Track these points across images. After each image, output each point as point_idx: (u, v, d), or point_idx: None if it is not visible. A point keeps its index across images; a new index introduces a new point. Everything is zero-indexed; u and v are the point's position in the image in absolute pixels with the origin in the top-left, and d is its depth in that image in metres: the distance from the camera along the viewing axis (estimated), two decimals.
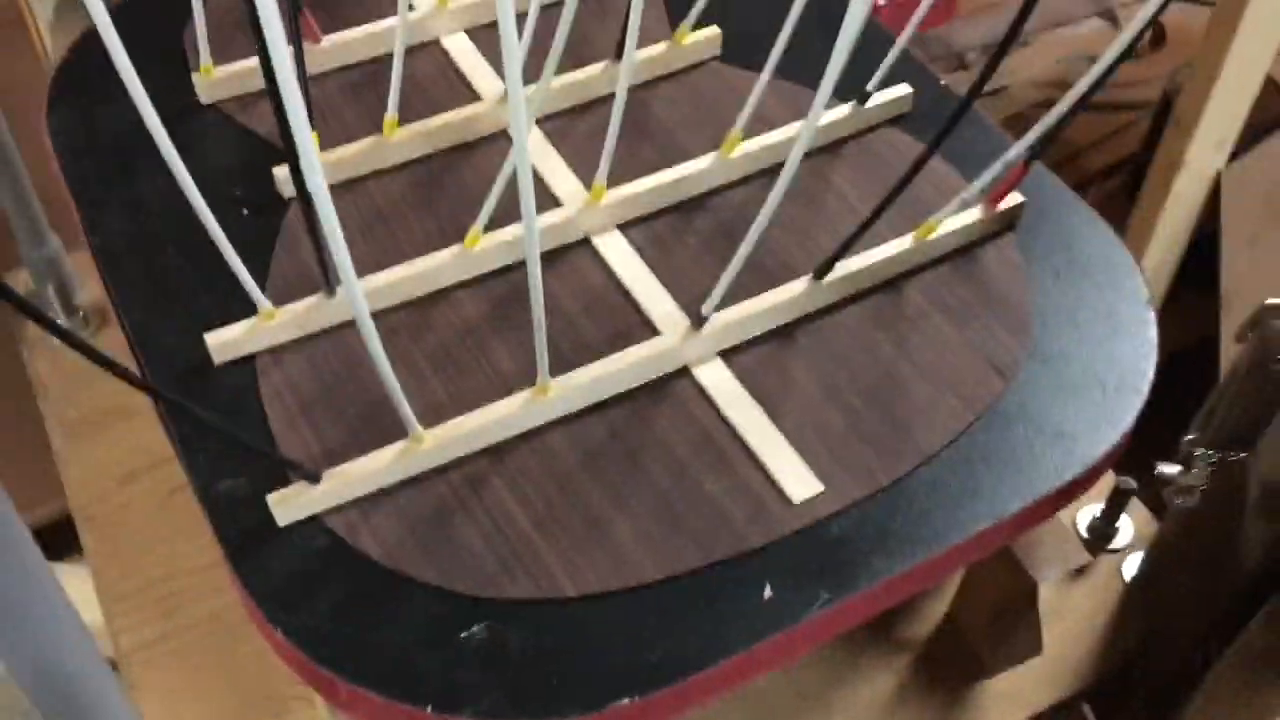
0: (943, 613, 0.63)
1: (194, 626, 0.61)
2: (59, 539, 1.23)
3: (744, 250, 0.46)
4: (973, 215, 0.53)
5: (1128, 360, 0.50)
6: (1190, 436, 0.50)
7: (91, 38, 0.62)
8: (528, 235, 0.38)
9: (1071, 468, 0.47)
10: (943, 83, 0.61)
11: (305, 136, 0.33)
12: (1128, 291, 0.52)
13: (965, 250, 0.54)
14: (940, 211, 0.52)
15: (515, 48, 0.33)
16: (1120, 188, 1.40)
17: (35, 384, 0.74)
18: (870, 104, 0.58)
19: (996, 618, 0.59)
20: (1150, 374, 0.49)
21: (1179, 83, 1.13)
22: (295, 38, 0.55)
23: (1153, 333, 0.50)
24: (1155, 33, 1.52)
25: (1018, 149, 0.49)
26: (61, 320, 0.75)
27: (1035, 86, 1.55)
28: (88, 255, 0.54)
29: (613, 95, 0.55)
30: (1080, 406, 0.48)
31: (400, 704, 0.40)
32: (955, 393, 0.49)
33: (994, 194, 0.53)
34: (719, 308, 0.48)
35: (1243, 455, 0.46)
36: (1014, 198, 0.54)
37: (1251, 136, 1.16)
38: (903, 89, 0.59)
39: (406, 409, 0.43)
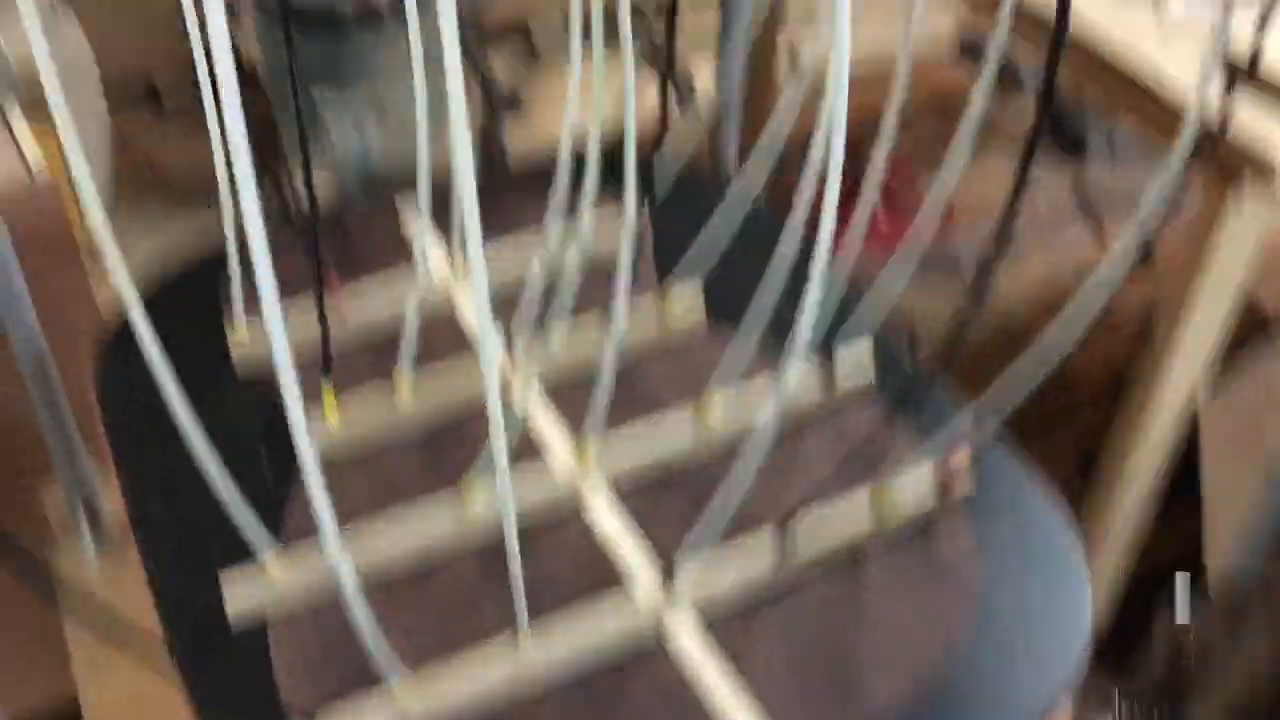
0: None
1: None
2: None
3: (709, 521, 0.51)
4: (923, 485, 0.58)
5: (1066, 635, 0.54)
6: (1123, 691, 0.53)
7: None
8: (507, 531, 0.43)
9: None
10: (905, 366, 0.66)
11: (299, 420, 0.38)
12: (1069, 570, 0.56)
13: (923, 521, 0.58)
14: (894, 490, 0.57)
15: (492, 339, 0.38)
16: (1109, 398, 1.45)
17: (59, 595, 0.78)
18: (838, 377, 0.64)
19: None
20: (1085, 647, 0.53)
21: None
22: (319, 296, 0.61)
23: (1088, 613, 0.55)
24: (1142, 248, 1.59)
25: (951, 441, 0.54)
26: (86, 533, 0.80)
27: (1026, 298, 1.62)
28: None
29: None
30: (1022, 678, 0.52)
31: None
32: (909, 661, 0.53)
33: (941, 480, 0.58)
34: (690, 566, 0.53)
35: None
36: (964, 470, 0.59)
37: (1234, 344, 1.22)
38: (864, 364, 0.64)
39: (394, 681, 0.47)
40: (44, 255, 0.93)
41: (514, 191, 0.75)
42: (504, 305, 0.63)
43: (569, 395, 0.63)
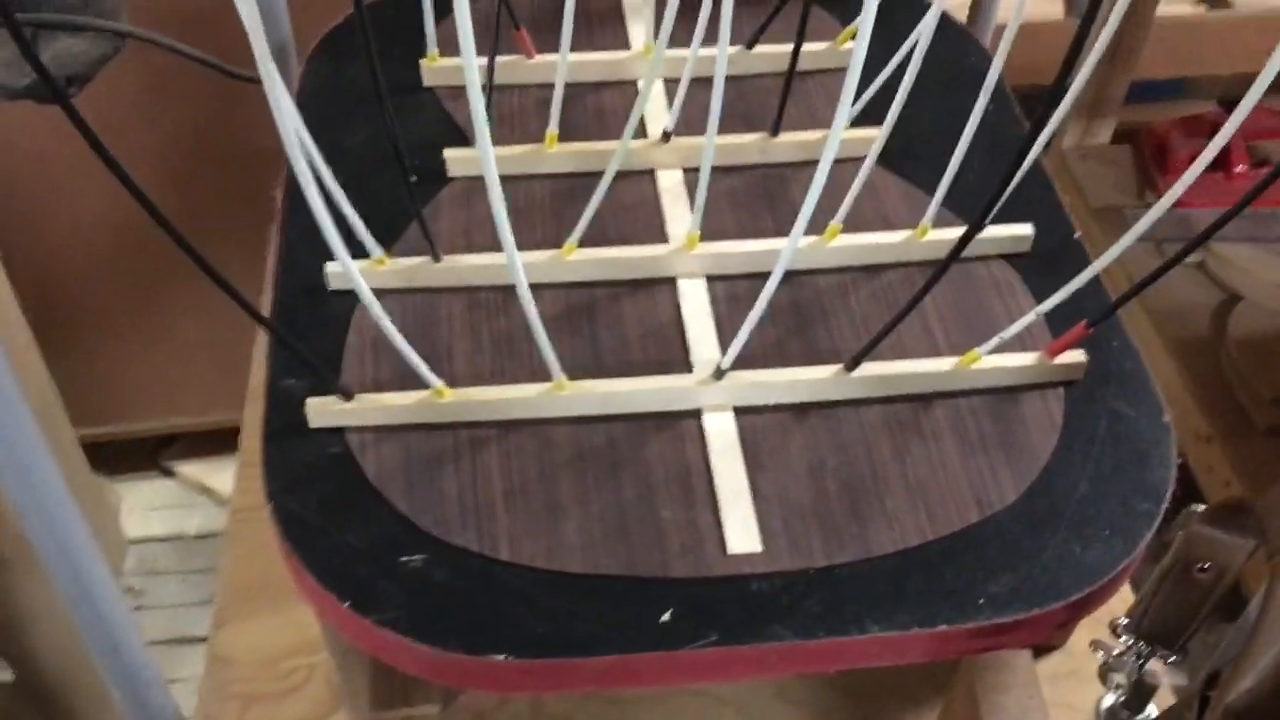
0: None
1: None
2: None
3: (755, 315, 0.51)
4: (1026, 359, 0.55)
5: (1123, 529, 0.50)
6: (1123, 622, 0.49)
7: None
8: (510, 262, 0.45)
9: (1002, 613, 0.48)
10: (1076, 236, 0.62)
11: (480, 112, 0.40)
12: (1151, 482, 0.52)
13: (1011, 389, 0.55)
14: (982, 347, 0.54)
15: None
16: None
17: None
18: (987, 234, 0.60)
19: None
20: (1137, 554, 0.49)
21: None
22: (493, 47, 0.64)
23: (1156, 514, 0.50)
24: None
25: (1038, 311, 0.50)
26: None
27: None
28: None
29: (761, 166, 0.61)
30: (1039, 565, 0.49)
31: (328, 592, 0.47)
32: (927, 510, 0.51)
33: (1052, 346, 0.55)
34: (736, 367, 0.53)
35: (1170, 658, 0.45)
36: (1076, 355, 0.55)
37: None
38: (1024, 228, 0.61)
39: (424, 367, 0.51)
40: None
41: None
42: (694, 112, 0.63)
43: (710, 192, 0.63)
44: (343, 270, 0.55)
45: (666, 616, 0.47)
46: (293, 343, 0.52)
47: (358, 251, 0.57)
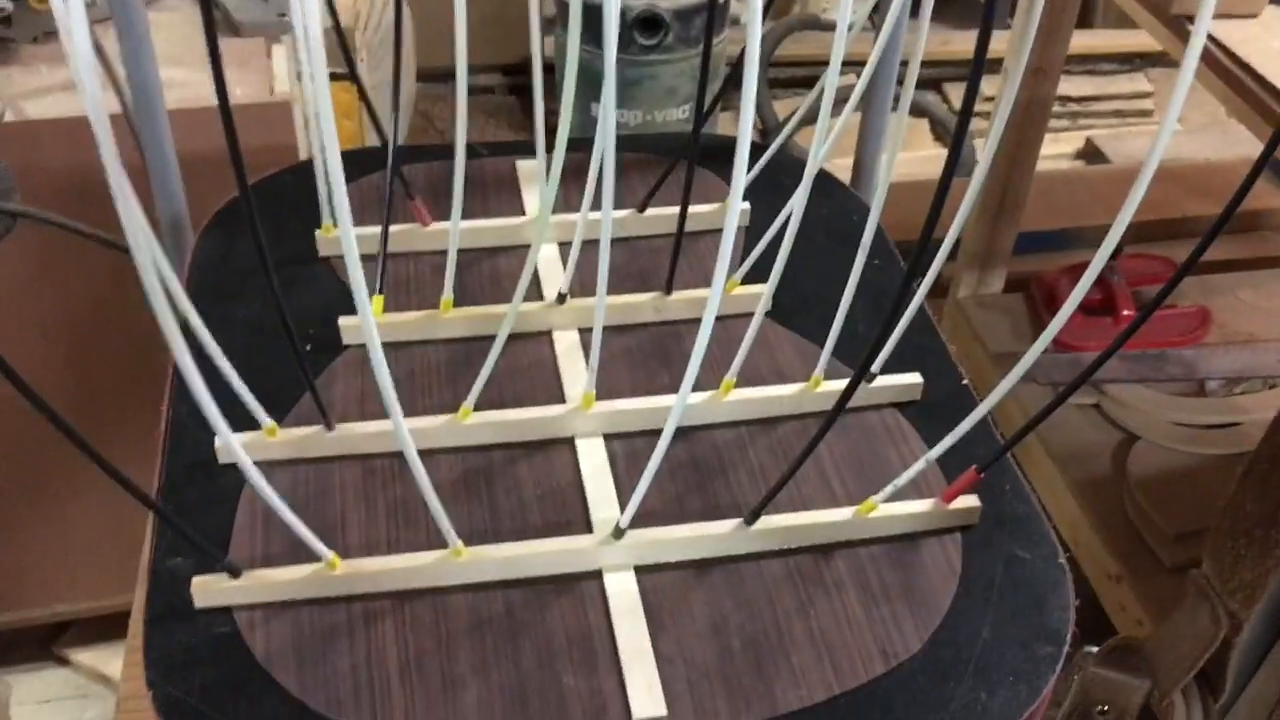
0: None
1: None
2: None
3: (650, 471, 0.50)
4: (922, 506, 0.55)
5: (1015, 690, 0.49)
6: None
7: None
8: (397, 430, 0.44)
9: None
10: (964, 382, 0.63)
11: (359, 281, 0.41)
12: (1051, 625, 0.52)
13: (909, 537, 0.55)
14: (877, 495, 0.54)
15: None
16: None
17: None
18: (878, 384, 0.61)
19: None
20: (1041, 698, 0.49)
21: None
22: (385, 216, 0.65)
23: (1047, 684, 0.50)
24: None
25: (928, 458, 0.51)
26: None
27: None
28: None
29: (656, 324, 0.61)
30: (947, 715, 0.49)
31: None
32: (833, 664, 0.50)
33: (946, 493, 0.55)
34: (636, 525, 0.53)
35: None
36: (970, 500, 0.56)
37: None
38: (913, 377, 0.62)
39: (314, 540, 0.49)
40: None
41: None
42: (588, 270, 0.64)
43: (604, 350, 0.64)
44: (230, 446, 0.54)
45: None
46: (175, 520, 0.51)
47: (253, 423, 0.56)
